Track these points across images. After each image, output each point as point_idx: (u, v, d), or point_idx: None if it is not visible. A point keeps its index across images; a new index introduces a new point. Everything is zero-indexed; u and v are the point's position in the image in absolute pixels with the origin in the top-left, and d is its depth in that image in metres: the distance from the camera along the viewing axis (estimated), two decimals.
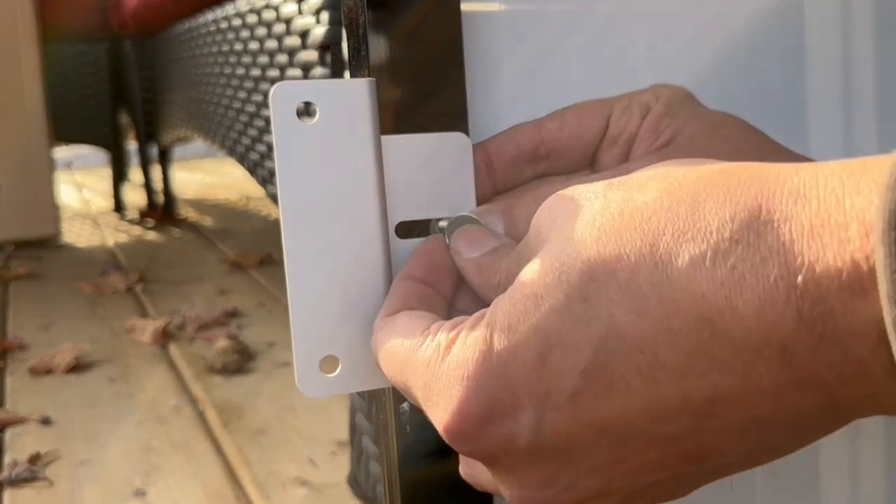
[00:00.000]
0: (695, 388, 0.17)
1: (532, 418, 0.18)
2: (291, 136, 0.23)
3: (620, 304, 0.17)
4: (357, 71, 0.25)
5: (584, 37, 0.28)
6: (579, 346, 0.18)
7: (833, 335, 0.15)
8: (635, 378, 0.17)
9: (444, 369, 0.20)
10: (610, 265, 0.17)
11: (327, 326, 0.24)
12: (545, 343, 0.18)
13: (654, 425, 0.18)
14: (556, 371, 0.18)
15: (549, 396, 0.18)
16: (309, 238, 0.24)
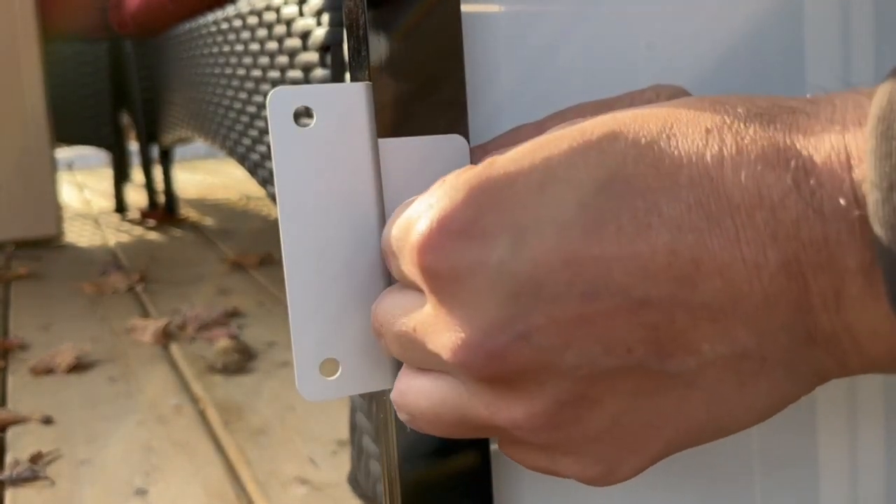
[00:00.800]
0: (684, 245, 0.17)
1: (512, 241, 0.18)
2: (289, 140, 0.24)
3: (634, 157, 0.18)
4: (357, 72, 0.25)
5: (584, 37, 0.28)
6: (584, 182, 0.18)
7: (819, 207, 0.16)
8: (630, 222, 0.17)
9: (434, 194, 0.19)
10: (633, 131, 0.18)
11: (327, 329, 0.24)
12: (550, 173, 0.18)
13: (632, 279, 0.17)
14: (554, 199, 0.18)
15: (537, 223, 0.18)
16: (307, 242, 0.24)
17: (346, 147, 0.24)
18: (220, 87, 0.85)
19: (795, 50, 0.31)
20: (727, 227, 0.17)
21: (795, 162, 0.17)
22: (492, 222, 0.18)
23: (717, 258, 0.17)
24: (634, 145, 0.18)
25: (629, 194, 0.17)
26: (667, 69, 0.29)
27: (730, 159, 0.17)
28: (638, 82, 0.27)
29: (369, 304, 0.24)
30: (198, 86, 1.03)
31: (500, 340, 0.18)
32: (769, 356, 0.18)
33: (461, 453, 0.26)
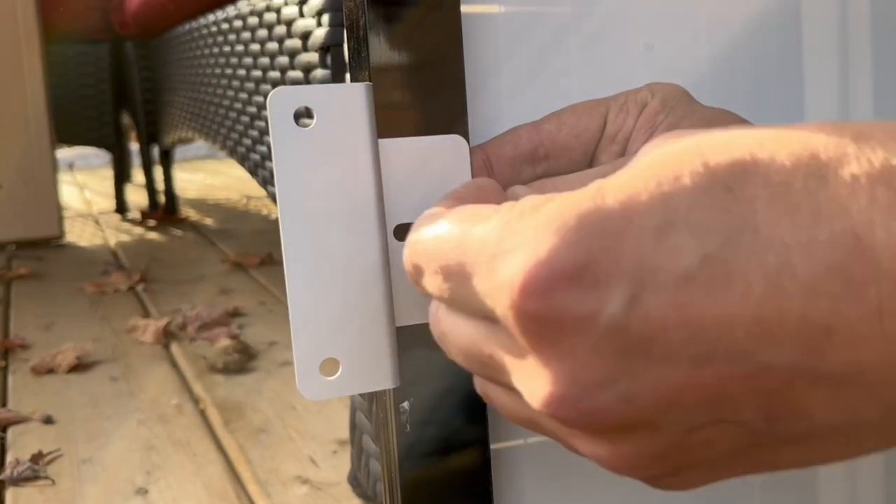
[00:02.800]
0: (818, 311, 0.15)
1: (627, 294, 0.15)
2: (289, 141, 0.24)
3: (766, 202, 0.15)
4: (358, 72, 0.25)
5: (583, 37, 0.28)
6: (710, 229, 0.15)
7: None
8: (759, 280, 0.15)
9: (531, 223, 0.16)
10: (763, 165, 0.16)
11: (327, 329, 0.24)
12: (672, 216, 0.16)
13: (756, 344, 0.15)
14: (675, 248, 0.15)
15: (655, 274, 0.15)
16: (308, 242, 0.24)
17: (346, 147, 0.24)
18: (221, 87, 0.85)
19: (793, 50, 0.31)
20: (870, 296, 0.15)
21: None
22: (605, 269, 0.16)
23: (852, 329, 0.15)
24: (766, 185, 0.16)
25: (760, 247, 0.15)
26: (666, 69, 0.29)
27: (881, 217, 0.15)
28: (637, 82, 0.27)
29: (369, 304, 0.25)
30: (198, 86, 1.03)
31: (600, 400, 0.16)
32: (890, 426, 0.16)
33: (461, 453, 0.27)
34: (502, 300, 0.17)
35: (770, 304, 0.15)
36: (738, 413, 0.16)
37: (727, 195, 0.16)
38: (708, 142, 0.17)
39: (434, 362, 0.25)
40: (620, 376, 0.16)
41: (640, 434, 0.17)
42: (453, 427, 0.26)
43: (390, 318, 0.25)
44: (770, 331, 0.15)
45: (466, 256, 0.18)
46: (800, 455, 0.17)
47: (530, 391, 0.17)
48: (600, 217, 0.16)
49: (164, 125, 1.57)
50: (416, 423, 0.26)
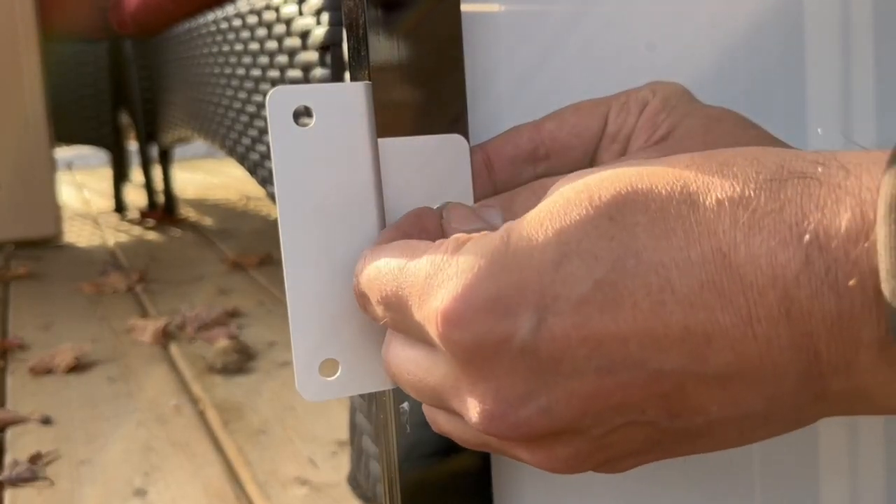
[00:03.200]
0: (697, 321, 0.17)
1: (534, 319, 0.18)
2: (288, 140, 0.24)
3: (645, 228, 0.18)
4: (357, 72, 0.25)
5: (584, 37, 0.28)
6: (598, 257, 0.18)
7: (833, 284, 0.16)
8: (644, 299, 0.18)
9: (453, 262, 0.19)
10: (642, 194, 0.18)
11: (326, 330, 0.24)
12: (564, 248, 0.18)
13: (647, 353, 0.18)
14: (570, 276, 0.18)
15: (555, 301, 0.18)
16: (307, 242, 0.24)
17: (345, 147, 0.24)
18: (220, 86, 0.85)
19: (795, 50, 0.31)
20: (739, 305, 0.17)
21: (809, 237, 0.17)
22: (514, 300, 0.18)
23: (728, 335, 0.17)
24: (645, 212, 0.18)
25: (642, 270, 0.18)
26: (667, 69, 0.29)
27: (742, 236, 0.17)
28: (638, 82, 0.27)
29: None
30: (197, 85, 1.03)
31: (522, 414, 0.19)
32: (774, 415, 0.19)
33: (461, 453, 0.26)
34: (433, 330, 0.19)
35: (655, 319, 0.18)
36: (644, 414, 0.19)
37: (611, 224, 0.18)
38: (595, 179, 0.19)
39: None
40: (538, 391, 0.19)
41: (566, 439, 0.20)
42: None
43: None
44: (658, 342, 0.18)
45: (402, 289, 0.21)
46: (705, 443, 0.20)
47: (467, 412, 0.20)
48: (507, 255, 0.19)
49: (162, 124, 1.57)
50: (415, 424, 0.26)
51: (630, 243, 0.18)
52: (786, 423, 0.19)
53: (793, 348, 0.17)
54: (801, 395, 0.18)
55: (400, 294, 0.21)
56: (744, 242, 0.17)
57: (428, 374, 0.21)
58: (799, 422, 0.19)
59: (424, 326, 0.20)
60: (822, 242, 0.16)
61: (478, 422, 0.20)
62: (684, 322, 0.17)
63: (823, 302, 0.16)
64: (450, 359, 0.20)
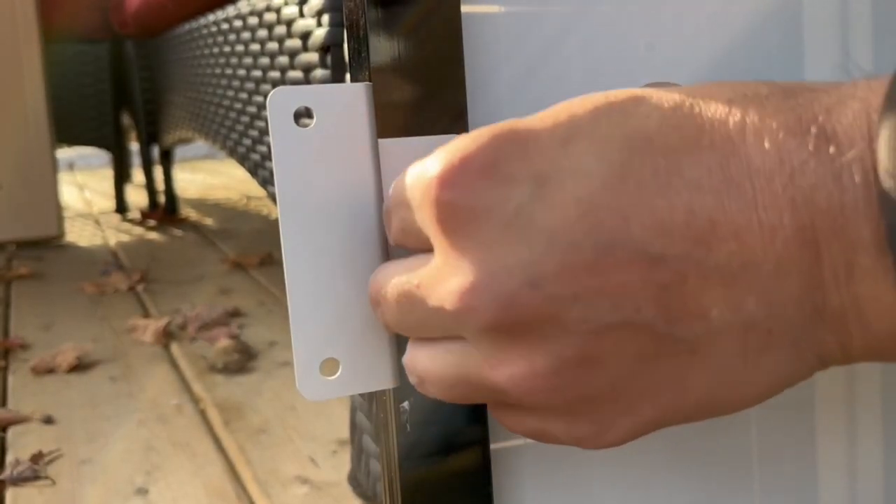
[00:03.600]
0: (702, 205, 0.17)
1: (533, 186, 0.18)
2: (289, 140, 0.24)
3: (658, 119, 0.18)
4: (358, 72, 0.25)
5: (583, 37, 0.28)
6: (607, 139, 0.18)
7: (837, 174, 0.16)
8: (650, 179, 0.17)
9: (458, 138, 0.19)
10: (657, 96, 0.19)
11: (327, 329, 0.24)
12: (575, 129, 0.18)
13: (649, 235, 0.17)
14: (577, 152, 0.18)
15: (558, 172, 0.18)
16: (307, 242, 0.24)
17: (346, 147, 0.24)
18: (221, 87, 0.85)
19: (795, 50, 0.31)
20: (745, 190, 0.17)
21: (816, 129, 0.17)
22: (514, 168, 0.18)
23: (733, 220, 0.17)
24: (658, 108, 0.18)
25: (651, 152, 0.17)
26: (667, 69, 0.29)
27: (751, 126, 0.17)
28: (638, 82, 0.27)
29: (369, 304, 0.24)
30: (198, 86, 1.03)
31: (508, 285, 0.18)
32: (775, 329, 0.18)
33: (461, 453, 0.27)
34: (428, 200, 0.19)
35: (661, 199, 0.17)
36: (639, 313, 0.17)
37: (623, 115, 0.18)
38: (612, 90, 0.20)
39: None
40: (528, 262, 0.17)
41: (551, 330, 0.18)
42: (453, 427, 0.26)
43: None
44: (661, 224, 0.17)
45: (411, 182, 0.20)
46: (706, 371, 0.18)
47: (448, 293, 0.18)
48: (512, 130, 0.19)
49: (164, 125, 1.57)
50: (416, 423, 0.26)
51: (642, 130, 0.18)
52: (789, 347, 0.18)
53: (795, 241, 0.17)
54: (802, 306, 0.17)
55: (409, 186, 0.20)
56: (752, 131, 0.17)
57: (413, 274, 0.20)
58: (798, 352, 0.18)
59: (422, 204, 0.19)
60: (829, 135, 0.16)
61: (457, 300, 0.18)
62: (690, 205, 0.17)
63: (827, 193, 0.16)
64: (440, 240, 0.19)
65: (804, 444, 0.32)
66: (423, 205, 0.19)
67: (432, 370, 0.21)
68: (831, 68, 0.31)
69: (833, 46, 0.31)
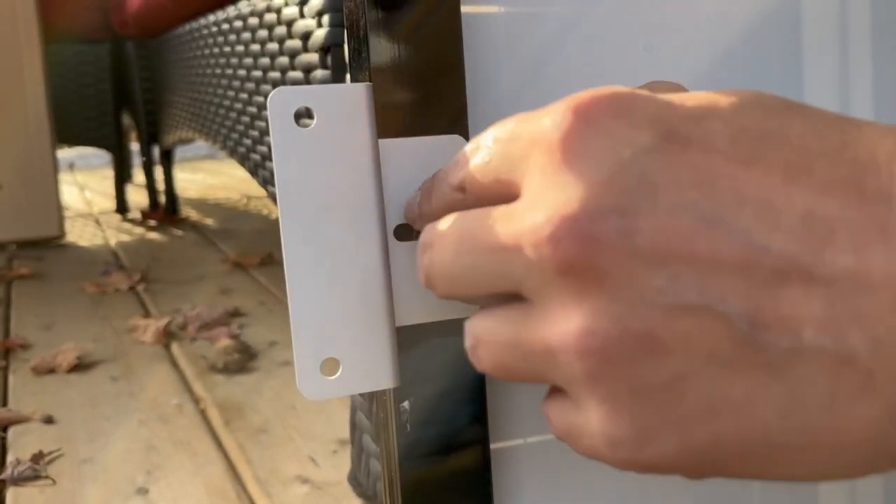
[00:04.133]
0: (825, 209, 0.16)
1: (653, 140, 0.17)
2: (289, 141, 0.24)
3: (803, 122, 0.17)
4: (358, 73, 0.25)
5: (583, 37, 0.28)
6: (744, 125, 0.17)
7: None
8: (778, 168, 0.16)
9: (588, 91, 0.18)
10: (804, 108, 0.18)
11: (327, 329, 0.24)
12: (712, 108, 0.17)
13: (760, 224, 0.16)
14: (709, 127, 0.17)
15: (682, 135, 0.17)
16: (308, 242, 0.24)
17: (346, 147, 0.24)
18: (221, 87, 0.85)
19: (794, 50, 0.31)
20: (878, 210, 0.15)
21: None
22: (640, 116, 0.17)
23: (856, 233, 0.15)
24: (802, 114, 0.17)
25: (786, 147, 0.16)
26: (666, 69, 0.29)
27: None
28: (637, 82, 0.27)
29: (369, 304, 0.25)
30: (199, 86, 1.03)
31: (599, 226, 0.16)
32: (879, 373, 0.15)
33: (461, 453, 0.27)
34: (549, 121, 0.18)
35: (781, 191, 0.16)
36: (725, 301, 0.15)
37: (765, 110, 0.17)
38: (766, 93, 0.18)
39: (434, 362, 0.25)
40: (628, 211, 0.16)
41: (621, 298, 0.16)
42: (453, 427, 0.26)
43: (390, 318, 0.25)
44: (776, 215, 0.16)
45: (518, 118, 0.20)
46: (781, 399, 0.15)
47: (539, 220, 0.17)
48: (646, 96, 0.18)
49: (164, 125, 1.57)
50: (416, 422, 0.26)
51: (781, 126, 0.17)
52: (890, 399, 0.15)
53: None
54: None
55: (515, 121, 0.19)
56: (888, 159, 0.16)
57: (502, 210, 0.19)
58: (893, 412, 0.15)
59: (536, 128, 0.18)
60: None
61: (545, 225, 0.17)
62: (811, 205, 0.16)
63: None
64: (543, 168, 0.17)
65: None
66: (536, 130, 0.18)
67: (489, 329, 0.19)
68: (830, 68, 0.31)
69: (833, 46, 0.31)
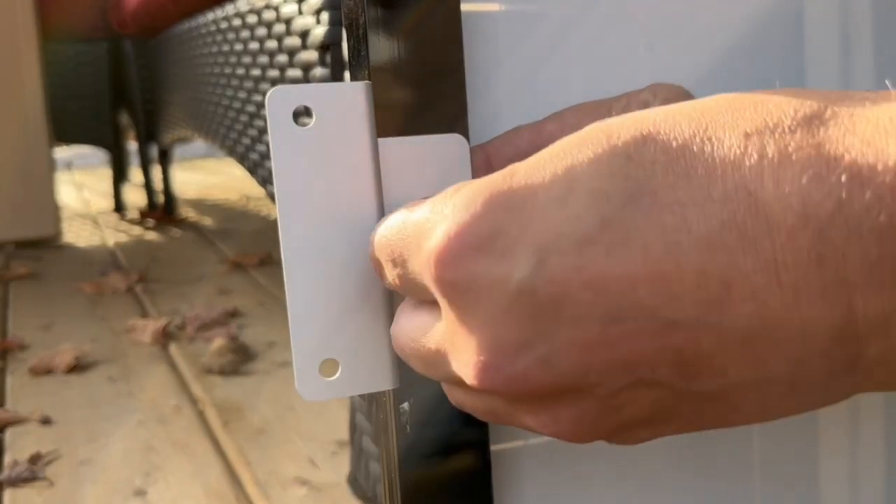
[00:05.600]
0: (715, 265, 0.16)
1: (533, 259, 0.16)
2: (288, 140, 0.23)
3: (664, 166, 0.16)
4: (357, 71, 0.25)
5: (584, 37, 0.28)
6: (609, 195, 0.16)
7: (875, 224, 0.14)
8: (657, 239, 0.16)
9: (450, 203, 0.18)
10: (665, 134, 0.17)
11: (326, 330, 0.24)
12: (573, 185, 0.17)
13: (658, 300, 0.16)
14: (576, 215, 0.16)
15: (559, 240, 0.16)
16: (307, 242, 0.24)
17: (345, 147, 0.24)
18: (220, 86, 0.85)
19: (795, 50, 0.31)
20: (764, 248, 0.15)
21: (849, 174, 0.15)
22: (512, 239, 0.17)
23: (750, 281, 0.15)
24: (665, 151, 0.16)
25: (657, 209, 0.16)
26: (667, 69, 0.29)
27: (771, 170, 0.15)
28: (638, 82, 0.26)
29: (369, 304, 0.24)
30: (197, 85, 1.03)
31: (519, 364, 0.17)
32: (801, 382, 0.17)
33: (461, 455, 0.26)
34: (428, 274, 0.18)
35: (669, 262, 0.16)
36: (654, 372, 0.17)
37: (627, 163, 0.17)
38: (616, 120, 0.18)
39: None
40: (536, 340, 0.17)
41: (570, 399, 0.18)
42: (453, 428, 0.26)
43: (390, 319, 0.25)
44: (671, 287, 0.16)
45: (404, 240, 0.20)
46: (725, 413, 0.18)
47: (464, 365, 0.18)
48: (508, 192, 0.17)
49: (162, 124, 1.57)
50: (415, 424, 0.26)
51: (645, 183, 0.16)
52: (814, 394, 0.17)
53: (824, 300, 0.15)
54: (832, 359, 0.16)
55: (401, 247, 0.20)
56: (772, 178, 0.15)
57: (429, 337, 0.20)
58: (829, 394, 0.17)
59: (422, 273, 0.19)
60: (865, 179, 0.14)
61: (473, 376, 0.18)
62: (701, 266, 0.15)
63: (863, 245, 0.15)
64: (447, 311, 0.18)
65: (805, 442, 0.32)
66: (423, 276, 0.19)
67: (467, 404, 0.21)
68: (831, 68, 0.31)
69: (833, 46, 0.31)
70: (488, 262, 0.17)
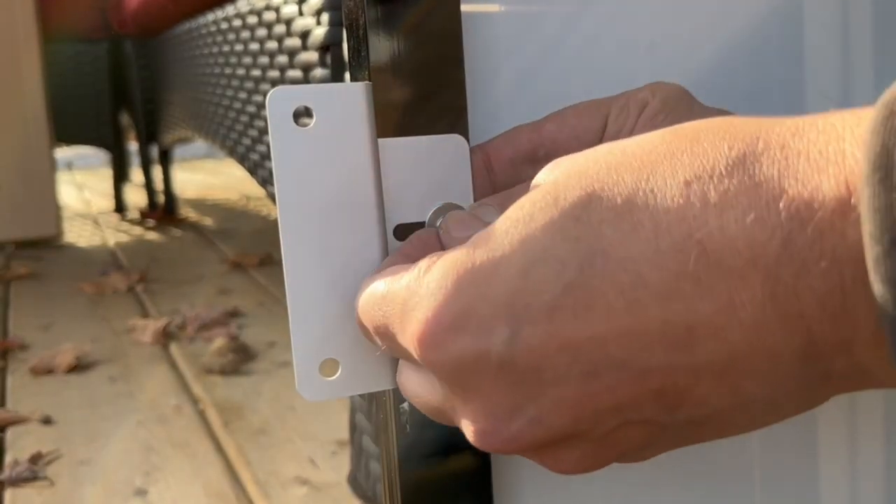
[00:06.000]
0: (675, 313, 0.17)
1: (507, 332, 0.18)
2: (288, 140, 0.24)
3: (611, 223, 0.17)
4: (357, 71, 0.25)
5: (584, 37, 0.28)
6: (565, 261, 0.17)
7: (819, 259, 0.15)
8: (617, 298, 0.17)
9: (424, 283, 0.19)
10: (609, 189, 0.18)
11: (327, 330, 0.24)
12: (530, 256, 0.18)
13: (628, 353, 0.17)
14: (539, 284, 0.17)
15: (527, 310, 0.18)
16: (307, 242, 0.24)
17: (345, 147, 0.24)
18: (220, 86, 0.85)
19: (795, 50, 0.31)
20: (720, 292, 0.16)
21: (789, 213, 0.15)
22: (484, 314, 0.18)
23: (711, 323, 0.16)
24: (611, 209, 0.17)
25: (610, 268, 0.17)
26: (667, 69, 0.29)
27: (715, 217, 0.16)
28: (638, 82, 0.27)
29: None
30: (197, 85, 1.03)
31: (513, 427, 0.19)
32: (780, 398, 0.18)
33: (461, 454, 0.26)
34: (415, 354, 0.19)
35: (631, 317, 0.17)
36: (640, 412, 0.18)
37: (577, 225, 0.18)
38: (563, 177, 0.19)
39: None
40: (525, 403, 0.18)
41: (568, 444, 0.19)
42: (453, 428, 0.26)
43: None
44: (638, 339, 0.17)
45: (386, 318, 0.21)
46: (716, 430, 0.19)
47: (466, 431, 0.20)
48: (472, 270, 0.18)
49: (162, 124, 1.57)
50: (415, 424, 0.26)
51: (596, 243, 0.17)
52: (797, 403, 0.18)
53: (784, 329, 0.16)
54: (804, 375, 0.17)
55: (385, 323, 0.21)
56: (717, 225, 0.16)
57: (431, 395, 0.21)
58: (812, 401, 0.18)
59: (411, 351, 0.20)
60: (805, 217, 0.15)
61: (475, 440, 0.20)
62: (662, 316, 0.17)
63: (811, 280, 0.15)
64: (441, 383, 0.20)
65: (805, 442, 0.32)
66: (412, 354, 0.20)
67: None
68: (831, 68, 0.31)
69: (833, 46, 0.31)
70: (467, 339, 0.18)
